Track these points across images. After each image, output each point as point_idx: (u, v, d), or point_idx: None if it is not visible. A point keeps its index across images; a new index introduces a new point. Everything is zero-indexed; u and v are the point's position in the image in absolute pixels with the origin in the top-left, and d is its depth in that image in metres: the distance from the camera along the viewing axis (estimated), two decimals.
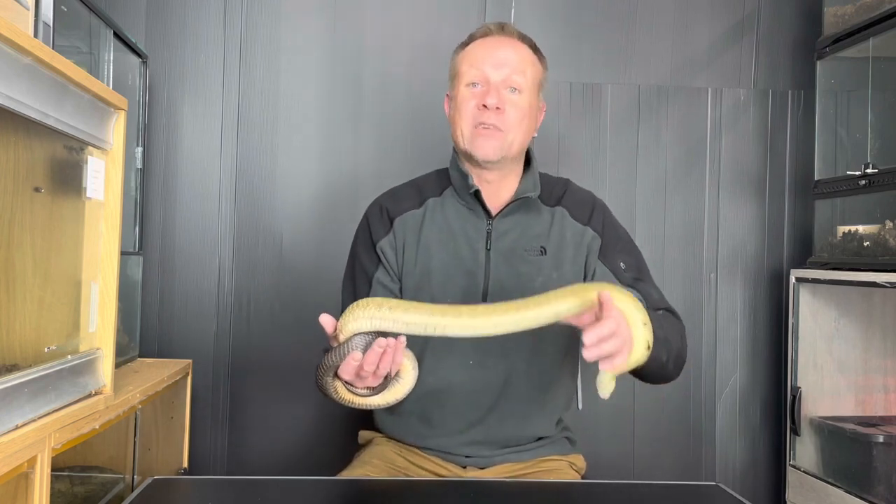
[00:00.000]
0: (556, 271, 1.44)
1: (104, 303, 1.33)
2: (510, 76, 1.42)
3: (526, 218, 1.47)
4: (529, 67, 1.45)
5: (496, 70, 1.42)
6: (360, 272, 1.50)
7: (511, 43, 1.46)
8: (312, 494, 1.28)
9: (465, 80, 1.44)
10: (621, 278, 1.44)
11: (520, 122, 1.42)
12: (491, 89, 1.41)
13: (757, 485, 2.25)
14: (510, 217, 1.46)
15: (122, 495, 1.51)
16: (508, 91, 1.42)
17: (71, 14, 1.55)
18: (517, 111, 1.42)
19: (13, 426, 1.04)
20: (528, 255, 1.45)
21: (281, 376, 2.14)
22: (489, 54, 1.44)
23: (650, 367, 1.24)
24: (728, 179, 2.26)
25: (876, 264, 1.84)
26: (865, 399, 2.12)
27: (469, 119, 1.42)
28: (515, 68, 1.43)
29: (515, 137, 1.42)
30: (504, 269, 1.44)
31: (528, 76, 1.44)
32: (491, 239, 1.45)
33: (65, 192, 1.25)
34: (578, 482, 1.44)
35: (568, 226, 1.47)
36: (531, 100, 1.45)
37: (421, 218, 1.48)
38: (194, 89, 2.15)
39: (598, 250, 1.46)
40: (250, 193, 2.15)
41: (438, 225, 1.47)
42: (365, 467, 1.44)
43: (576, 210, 1.49)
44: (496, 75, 1.42)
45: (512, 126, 1.41)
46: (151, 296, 2.11)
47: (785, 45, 2.28)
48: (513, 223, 1.46)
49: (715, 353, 2.25)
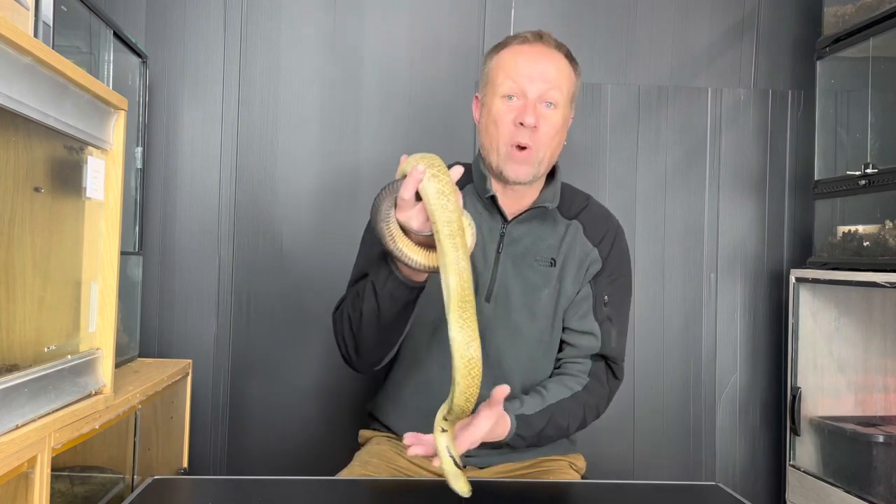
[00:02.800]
0: (559, 283, 1.45)
1: (104, 303, 1.33)
2: (548, 92, 1.38)
3: (541, 227, 1.47)
4: (565, 81, 1.41)
5: (533, 84, 1.38)
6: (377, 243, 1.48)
7: (549, 55, 1.41)
8: (312, 494, 1.28)
9: (501, 91, 1.39)
10: (597, 309, 1.45)
11: (551, 139, 1.40)
12: (528, 105, 1.37)
13: (757, 485, 2.25)
14: (525, 224, 1.46)
15: (122, 495, 1.50)
16: (544, 106, 1.38)
17: (71, 14, 1.55)
18: (551, 128, 1.39)
19: (13, 426, 1.04)
20: (538, 264, 1.45)
21: (281, 376, 2.14)
22: (527, 67, 1.39)
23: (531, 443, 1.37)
24: (728, 179, 2.26)
25: (876, 264, 1.84)
26: (865, 399, 2.11)
27: (506, 137, 1.38)
28: (553, 83, 1.39)
29: (546, 154, 1.40)
30: (512, 274, 1.44)
31: (564, 91, 1.41)
32: (503, 242, 1.45)
33: (65, 192, 1.25)
34: (578, 482, 1.45)
35: (579, 241, 1.47)
36: (564, 113, 1.42)
37: None
38: (194, 89, 2.15)
39: (595, 273, 1.47)
40: (250, 193, 2.15)
41: None
42: (365, 467, 1.44)
43: (590, 228, 1.49)
44: (533, 90, 1.38)
45: (544, 144, 1.39)
46: (151, 296, 2.11)
47: (785, 45, 2.28)
48: (526, 230, 1.46)
49: (715, 353, 2.25)
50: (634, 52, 2.24)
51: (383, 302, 1.27)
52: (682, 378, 2.24)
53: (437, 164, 1.10)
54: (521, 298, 1.44)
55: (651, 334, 2.23)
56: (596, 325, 1.45)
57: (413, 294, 1.26)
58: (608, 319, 1.45)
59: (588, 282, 1.46)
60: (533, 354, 1.46)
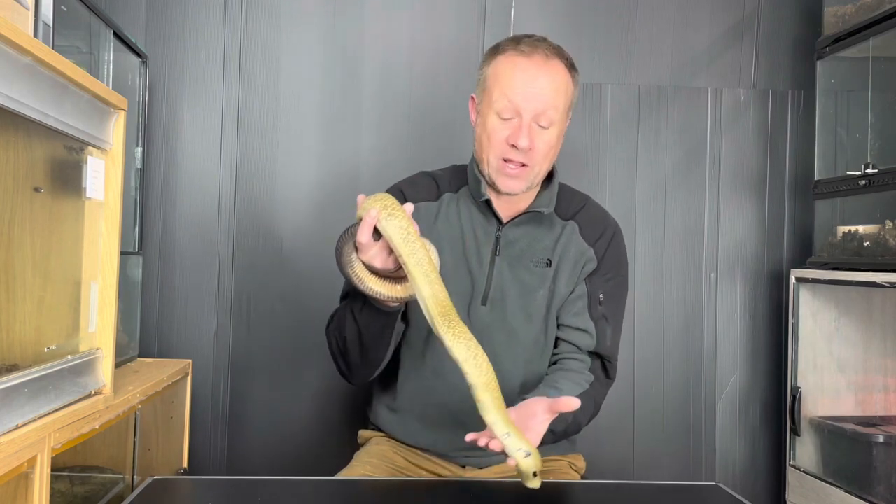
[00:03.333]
0: (553, 283, 1.45)
1: (104, 303, 1.34)
2: (544, 112, 1.35)
3: (537, 230, 1.46)
4: (563, 97, 1.38)
5: (529, 104, 1.35)
6: None
7: (547, 69, 1.37)
8: (312, 494, 1.28)
9: (496, 107, 1.36)
10: (592, 308, 1.45)
11: (546, 155, 1.39)
12: (523, 126, 1.34)
13: (757, 485, 2.25)
14: (521, 227, 1.46)
15: (121, 495, 1.51)
16: (539, 126, 1.36)
17: (71, 14, 1.55)
18: (545, 145, 1.37)
19: (13, 426, 1.04)
20: (533, 266, 1.45)
21: (281, 376, 2.14)
22: (524, 85, 1.35)
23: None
24: (728, 179, 2.26)
25: (876, 264, 1.84)
26: (865, 399, 2.11)
27: (497, 152, 1.37)
28: (550, 104, 1.36)
29: (541, 168, 1.40)
30: (508, 277, 1.44)
31: (560, 108, 1.38)
32: (500, 245, 1.45)
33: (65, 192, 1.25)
34: (578, 482, 1.45)
35: (574, 242, 1.46)
36: (561, 128, 1.40)
37: (436, 211, 1.48)
38: (194, 89, 2.15)
39: (590, 272, 1.46)
40: (250, 193, 2.15)
41: (451, 222, 1.47)
42: (364, 467, 1.44)
43: (587, 228, 1.48)
44: (529, 110, 1.35)
45: (538, 161, 1.38)
46: (151, 296, 2.11)
47: (785, 45, 2.28)
48: (523, 233, 1.46)
49: (715, 353, 2.25)
50: (634, 52, 2.24)
51: (363, 328, 1.33)
52: (682, 378, 2.24)
53: (391, 204, 1.17)
54: (517, 301, 1.44)
55: (651, 334, 2.23)
56: (591, 324, 1.44)
57: (391, 318, 1.32)
58: (603, 318, 1.45)
59: (583, 280, 1.46)
60: (529, 356, 1.46)
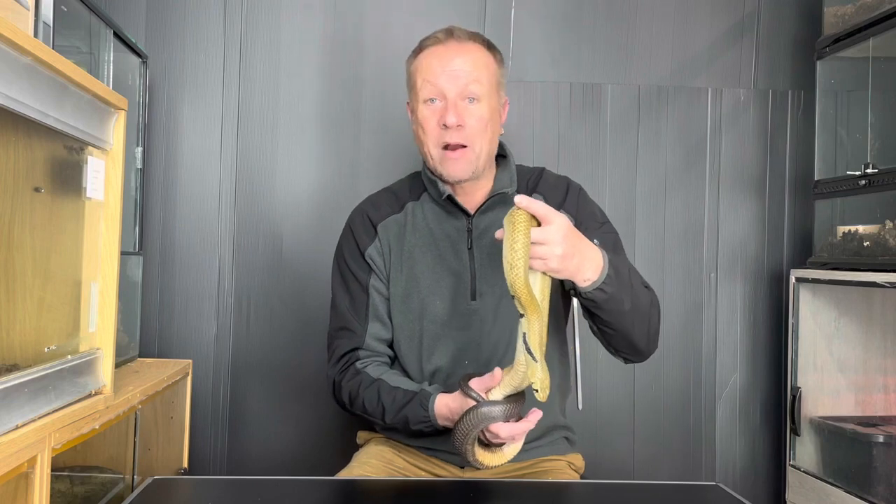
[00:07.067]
0: None
1: (104, 303, 1.34)
2: (466, 87, 1.40)
3: (504, 212, 1.46)
4: (484, 72, 1.42)
5: (451, 83, 1.40)
6: (352, 282, 1.50)
7: (462, 49, 1.43)
8: (312, 494, 1.28)
9: (423, 95, 1.42)
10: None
11: (482, 132, 1.41)
12: (449, 105, 1.39)
13: (757, 485, 2.24)
14: (489, 213, 1.47)
15: (122, 495, 1.51)
16: (467, 102, 1.40)
17: (71, 14, 1.55)
18: (478, 122, 1.40)
19: (13, 426, 1.04)
20: None
21: (281, 376, 2.14)
22: (442, 67, 1.41)
23: (607, 306, 1.26)
24: (728, 179, 2.26)
25: (876, 264, 1.84)
26: (865, 399, 2.11)
27: (434, 139, 1.41)
28: (470, 77, 1.40)
29: (482, 148, 1.42)
30: (489, 266, 1.44)
31: (484, 82, 1.42)
32: (472, 237, 1.46)
33: (65, 192, 1.25)
34: (577, 482, 1.45)
35: None
36: (491, 103, 1.43)
37: (403, 222, 1.50)
38: (194, 89, 2.15)
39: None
40: (250, 193, 2.15)
41: (420, 229, 1.48)
42: (363, 467, 1.45)
43: (550, 195, 1.49)
44: (452, 88, 1.40)
45: (475, 138, 1.40)
46: (151, 296, 2.11)
47: (785, 45, 2.28)
48: (492, 219, 1.46)
49: (715, 353, 2.25)
50: (634, 52, 2.24)
51: (404, 427, 1.39)
52: (682, 378, 2.24)
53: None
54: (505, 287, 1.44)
55: None
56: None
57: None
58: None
59: None
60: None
